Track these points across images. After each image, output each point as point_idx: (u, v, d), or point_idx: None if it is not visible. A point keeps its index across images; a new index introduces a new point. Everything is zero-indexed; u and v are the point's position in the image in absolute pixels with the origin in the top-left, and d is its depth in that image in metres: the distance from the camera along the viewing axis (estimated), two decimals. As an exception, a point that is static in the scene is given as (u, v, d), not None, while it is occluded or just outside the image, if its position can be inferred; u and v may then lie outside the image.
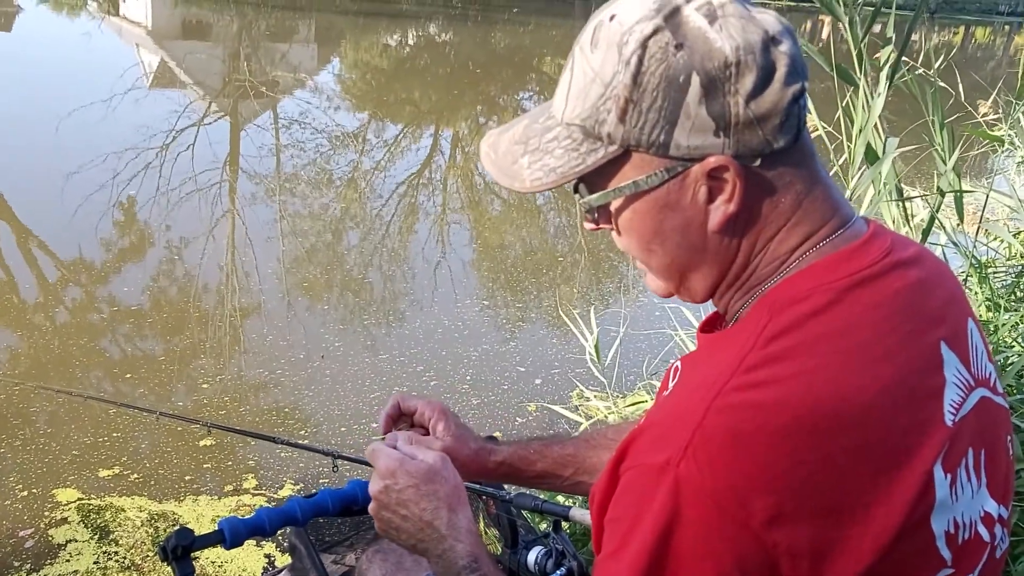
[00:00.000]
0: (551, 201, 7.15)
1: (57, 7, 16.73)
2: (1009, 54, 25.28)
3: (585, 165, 0.78)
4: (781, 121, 0.74)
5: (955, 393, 0.78)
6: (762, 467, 0.69)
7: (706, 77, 0.72)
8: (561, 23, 23.19)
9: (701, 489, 0.68)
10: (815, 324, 0.74)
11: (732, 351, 0.75)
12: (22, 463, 3.14)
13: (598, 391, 3.45)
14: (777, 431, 0.69)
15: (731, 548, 0.68)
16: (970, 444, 0.78)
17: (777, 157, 0.75)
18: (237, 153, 8.06)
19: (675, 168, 0.75)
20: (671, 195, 0.77)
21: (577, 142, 0.79)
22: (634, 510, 0.72)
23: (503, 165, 0.84)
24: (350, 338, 4.46)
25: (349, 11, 21.35)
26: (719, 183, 0.75)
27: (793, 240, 0.79)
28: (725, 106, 0.72)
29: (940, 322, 0.80)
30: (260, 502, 3.03)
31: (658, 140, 0.74)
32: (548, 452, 1.23)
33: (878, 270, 0.78)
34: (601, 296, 5.45)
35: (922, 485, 0.72)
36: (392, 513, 1.00)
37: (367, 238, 6.23)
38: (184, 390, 3.79)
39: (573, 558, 1.15)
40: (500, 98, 13.04)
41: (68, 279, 4.84)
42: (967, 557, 0.78)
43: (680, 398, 0.79)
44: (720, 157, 0.74)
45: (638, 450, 0.75)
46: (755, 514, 0.67)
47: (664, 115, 0.73)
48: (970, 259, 2.70)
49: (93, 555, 2.73)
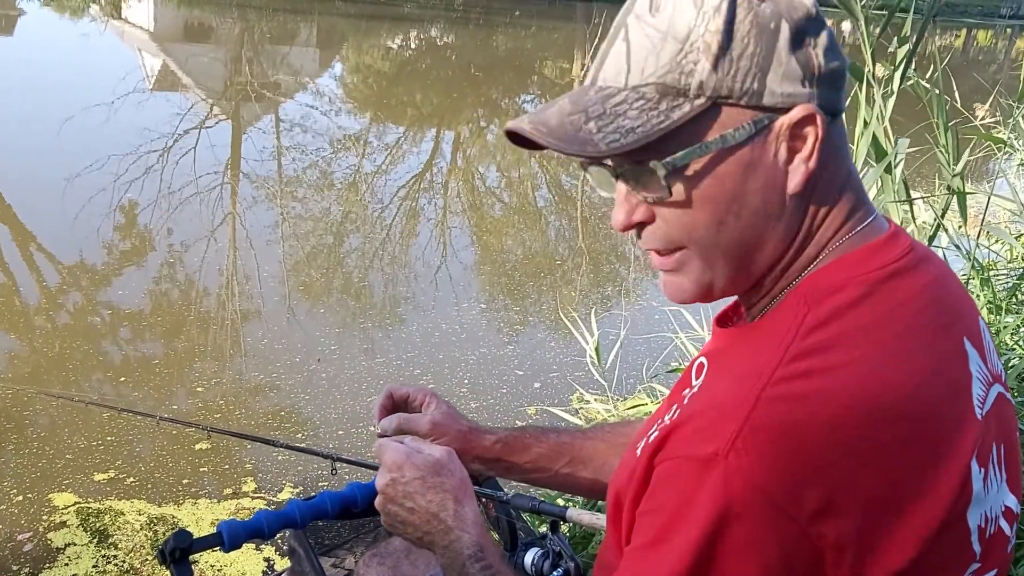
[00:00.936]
0: (551, 204, 7.15)
1: (60, 10, 16.75)
2: (1011, 57, 25.28)
3: (671, 120, 0.73)
4: (842, 84, 0.76)
5: (979, 387, 0.78)
6: (813, 459, 0.68)
7: (794, 25, 0.73)
8: (563, 26, 23.21)
9: (750, 481, 0.67)
10: (854, 315, 0.74)
11: (773, 342, 0.74)
12: (19, 467, 3.13)
13: (598, 394, 3.44)
14: (827, 422, 0.69)
15: (778, 541, 0.67)
16: (995, 439, 0.79)
17: (836, 123, 0.77)
18: (239, 156, 8.07)
19: (762, 120, 0.74)
20: (755, 152, 0.75)
21: (653, 101, 0.74)
22: (676, 502, 0.71)
23: (565, 135, 0.76)
24: (347, 341, 4.46)
25: (351, 14, 21.37)
26: (798, 142, 0.75)
27: (838, 219, 0.79)
28: (809, 57, 0.74)
29: (961, 316, 0.81)
30: (260, 505, 3.03)
31: (752, 87, 0.73)
32: (544, 439, 1.23)
33: (906, 264, 0.78)
34: (601, 300, 5.44)
35: (962, 478, 0.72)
36: (398, 506, 1.01)
37: (368, 241, 6.23)
38: (182, 394, 3.79)
39: (571, 559, 1.15)
40: (502, 101, 13.05)
41: (68, 282, 4.84)
42: (992, 552, 0.78)
43: (722, 390, 0.76)
44: (808, 106, 0.74)
45: (678, 442, 0.74)
46: (805, 507, 0.67)
47: (757, 62, 0.73)
48: (972, 262, 2.70)
49: (92, 559, 2.73)
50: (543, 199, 7.91)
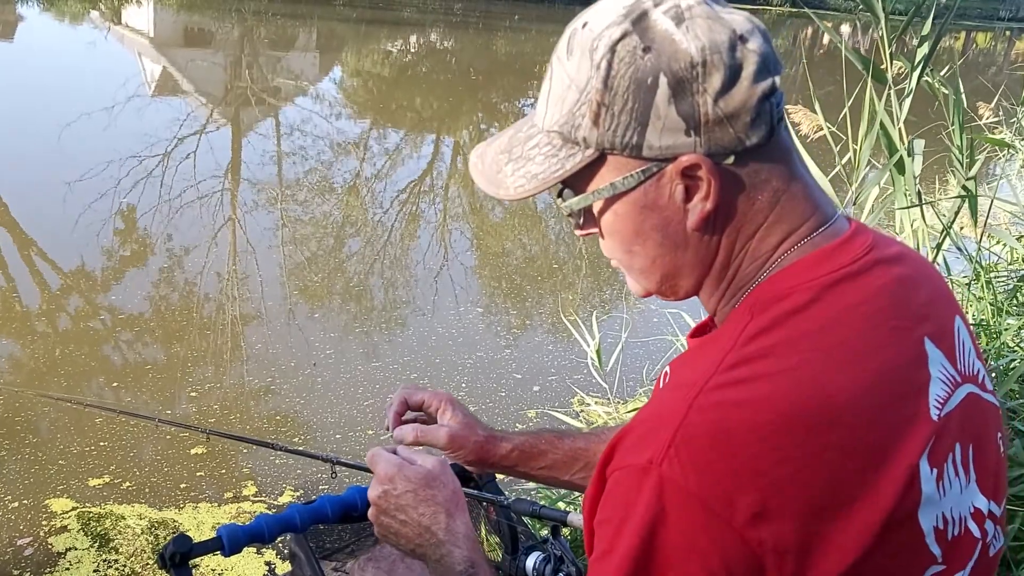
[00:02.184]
0: (551, 208, 7.14)
1: (59, 16, 16.77)
2: (1010, 60, 25.29)
3: (564, 170, 0.79)
4: (752, 118, 0.74)
5: (940, 388, 0.78)
6: (745, 465, 0.68)
7: (673, 78, 0.73)
8: (562, 30, 23.03)
9: (684, 488, 0.68)
10: (797, 322, 0.75)
11: (714, 351, 0.76)
12: (18, 471, 3.13)
13: (598, 397, 3.44)
14: (759, 428, 0.69)
15: (716, 547, 0.68)
16: (957, 439, 0.78)
17: (751, 154, 0.76)
18: (239, 161, 8.07)
19: (650, 169, 0.76)
20: (648, 195, 0.78)
21: (556, 148, 0.80)
22: (620, 512, 0.72)
23: (489, 174, 0.86)
24: (344, 345, 4.45)
25: (350, 19, 21.40)
26: (695, 182, 0.76)
27: (774, 238, 0.79)
28: (694, 105, 0.73)
29: (924, 319, 0.80)
30: (260, 509, 3.03)
31: (631, 142, 0.75)
32: (560, 444, 1.23)
33: (859, 267, 0.78)
34: (601, 303, 5.44)
35: (907, 479, 0.72)
36: (391, 518, 1.01)
37: (368, 245, 6.23)
38: (181, 398, 3.78)
39: (572, 563, 1.14)
40: (501, 105, 13.06)
41: (68, 287, 4.84)
42: (958, 553, 0.78)
43: (663, 399, 0.79)
44: (692, 156, 0.74)
45: (623, 451, 0.76)
46: (739, 512, 0.67)
47: (635, 117, 0.74)
48: (974, 264, 2.70)
49: (93, 563, 2.72)
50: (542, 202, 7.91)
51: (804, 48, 23.37)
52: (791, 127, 0.92)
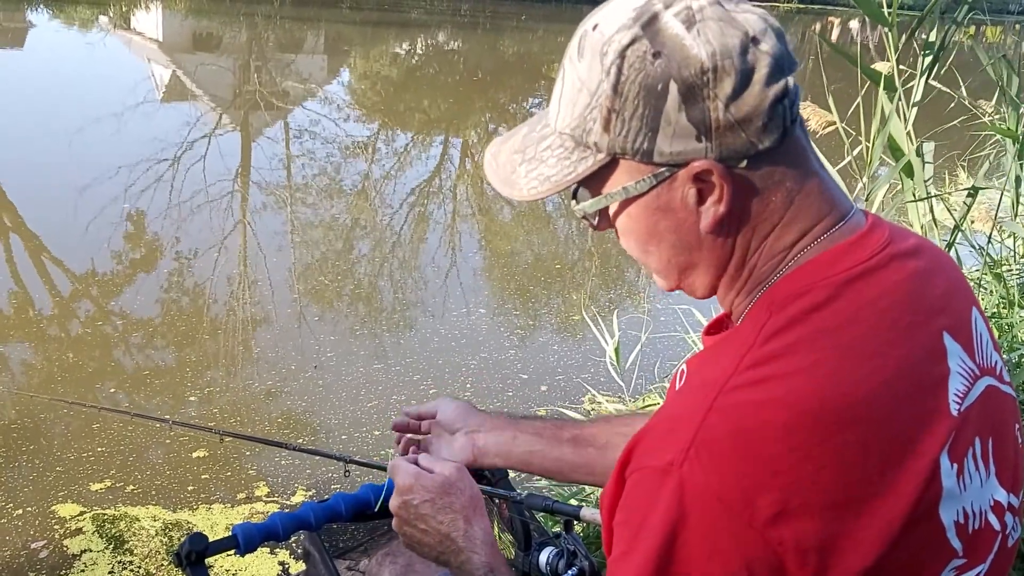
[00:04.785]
0: (560, 207, 7.15)
1: (68, 22, 16.85)
2: (1020, 53, 25.13)
3: (576, 173, 0.80)
4: (764, 122, 0.73)
5: (959, 382, 0.77)
6: (765, 464, 0.69)
7: (683, 84, 0.72)
8: (570, 29, 22.71)
9: (705, 490, 0.69)
10: (815, 319, 0.74)
11: (733, 350, 0.76)
12: (33, 474, 3.15)
13: (609, 395, 3.44)
14: (779, 428, 0.69)
15: (737, 547, 0.68)
16: (977, 433, 0.78)
17: (764, 157, 0.75)
18: (249, 164, 8.10)
19: (662, 174, 0.76)
20: (661, 199, 0.78)
21: (568, 150, 0.80)
22: (640, 513, 0.73)
23: (503, 175, 0.86)
24: (348, 347, 4.45)
25: (357, 21, 21.44)
26: (707, 186, 0.76)
27: (789, 237, 0.79)
28: (705, 111, 0.73)
29: (941, 312, 0.80)
30: (273, 509, 3.04)
31: (642, 147, 0.75)
32: (546, 454, 1.24)
33: (876, 262, 0.78)
34: (614, 301, 5.43)
35: (928, 475, 0.72)
36: (413, 528, 1.04)
37: (378, 246, 6.24)
38: (193, 400, 3.80)
39: (585, 558, 1.15)
40: (509, 105, 13.07)
41: (79, 292, 4.87)
42: (978, 547, 0.78)
43: (682, 399, 0.79)
44: (704, 162, 0.74)
45: (642, 453, 0.76)
46: (760, 512, 0.68)
47: (646, 123, 0.74)
48: (984, 257, 2.69)
49: (108, 564, 2.74)
50: (550, 202, 7.91)
51: (818, 42, 23.28)
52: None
